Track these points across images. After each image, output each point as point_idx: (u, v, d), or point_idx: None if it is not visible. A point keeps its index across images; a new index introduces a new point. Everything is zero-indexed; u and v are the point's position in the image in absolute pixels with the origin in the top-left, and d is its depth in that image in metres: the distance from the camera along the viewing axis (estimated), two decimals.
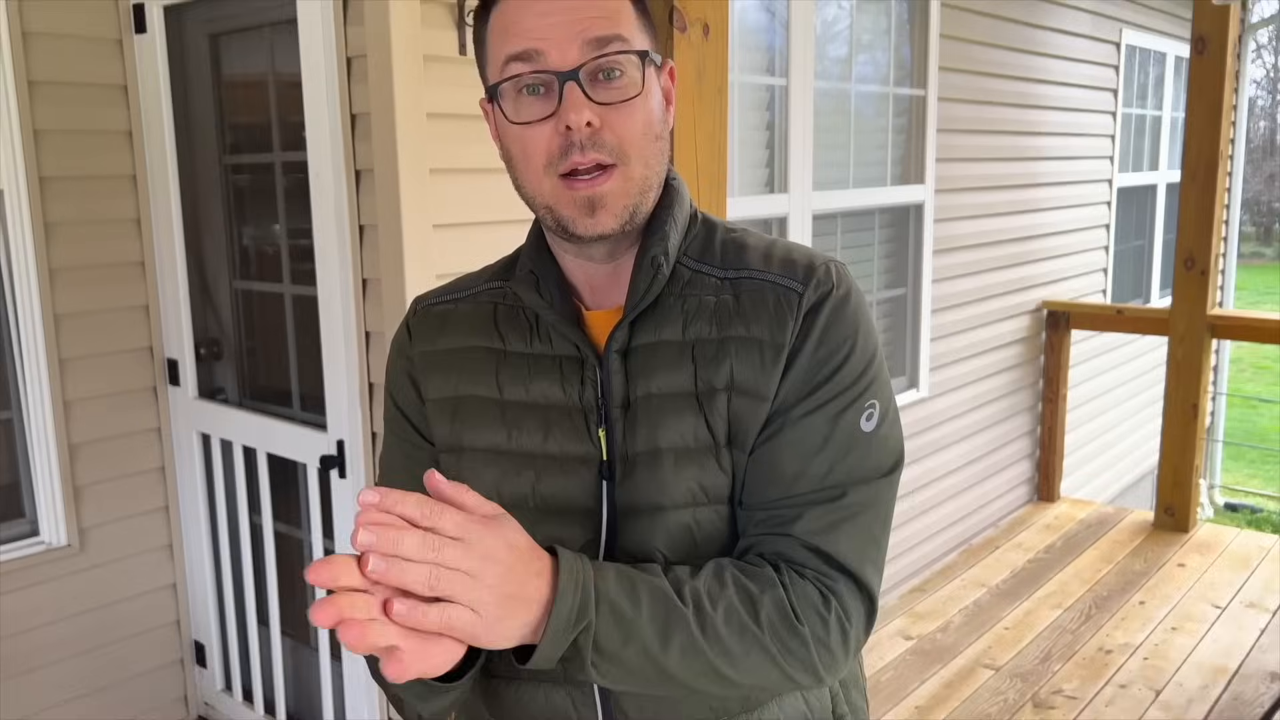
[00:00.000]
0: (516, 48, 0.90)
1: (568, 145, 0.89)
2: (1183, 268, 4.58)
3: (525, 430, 0.98)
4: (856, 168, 3.91)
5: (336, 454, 2.54)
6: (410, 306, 1.11)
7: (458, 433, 1.02)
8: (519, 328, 1.02)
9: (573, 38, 0.88)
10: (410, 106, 2.24)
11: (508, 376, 1.00)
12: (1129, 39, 5.72)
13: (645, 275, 0.96)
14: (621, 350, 0.97)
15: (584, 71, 0.88)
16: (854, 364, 0.95)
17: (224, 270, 2.89)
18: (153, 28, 2.76)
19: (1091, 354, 5.75)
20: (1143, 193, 6.40)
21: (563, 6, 0.89)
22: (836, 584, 0.92)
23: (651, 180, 0.94)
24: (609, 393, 0.96)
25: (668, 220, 0.98)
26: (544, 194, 0.92)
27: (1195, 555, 4.51)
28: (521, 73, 0.89)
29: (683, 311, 0.97)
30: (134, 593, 2.97)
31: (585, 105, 0.88)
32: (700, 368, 0.95)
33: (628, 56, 0.90)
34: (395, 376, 1.10)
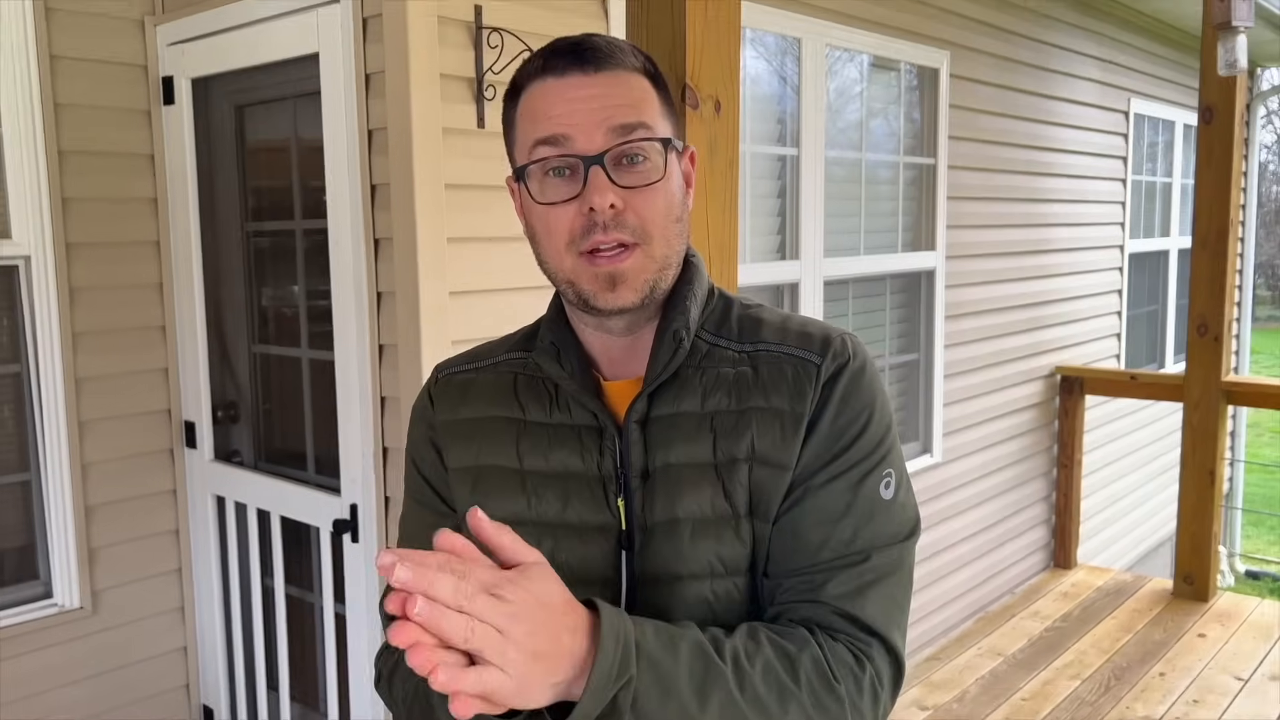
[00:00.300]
0: (544, 132, 0.93)
1: (590, 225, 0.92)
2: (1196, 334, 4.58)
3: (545, 499, 1.00)
4: (867, 234, 3.95)
5: (349, 518, 2.55)
6: (432, 373, 1.13)
7: (478, 502, 1.01)
8: (539, 398, 1.04)
9: (598, 124, 0.92)
10: (429, 177, 2.29)
11: (528, 446, 1.02)
12: (1137, 108, 5.79)
13: (667, 348, 0.98)
14: (640, 421, 0.99)
15: (608, 156, 0.92)
16: (872, 433, 0.98)
17: (243, 334, 2.94)
18: (180, 99, 2.84)
19: (1106, 419, 5.72)
20: (1155, 258, 6.43)
21: (589, 95, 0.93)
22: (869, 647, 0.93)
23: (671, 258, 0.97)
24: (628, 463, 0.98)
25: (688, 295, 1.01)
26: (565, 269, 0.95)
27: (1216, 625, 4.44)
28: (548, 156, 0.93)
29: (701, 384, 0.99)
30: (144, 656, 2.96)
31: (609, 188, 0.91)
32: (720, 438, 0.97)
33: (651, 143, 0.94)
34: (418, 442, 1.11)
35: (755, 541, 0.96)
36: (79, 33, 2.72)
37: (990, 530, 4.70)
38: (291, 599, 2.87)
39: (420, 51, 2.26)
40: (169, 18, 2.82)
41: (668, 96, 1.00)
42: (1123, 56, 5.58)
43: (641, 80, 0.97)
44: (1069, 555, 5.17)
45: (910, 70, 4.06)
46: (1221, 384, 4.55)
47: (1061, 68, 5.00)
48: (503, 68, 2.41)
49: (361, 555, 2.55)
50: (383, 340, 2.44)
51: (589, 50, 0.95)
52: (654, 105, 0.96)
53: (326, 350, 2.60)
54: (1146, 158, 6.13)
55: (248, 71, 2.71)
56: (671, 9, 1.60)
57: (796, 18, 3.41)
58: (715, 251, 1.68)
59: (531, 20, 2.48)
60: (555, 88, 0.94)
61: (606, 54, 0.95)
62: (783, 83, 3.50)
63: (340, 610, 2.69)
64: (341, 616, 2.69)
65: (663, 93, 0.99)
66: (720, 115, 1.66)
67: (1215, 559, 4.72)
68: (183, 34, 2.79)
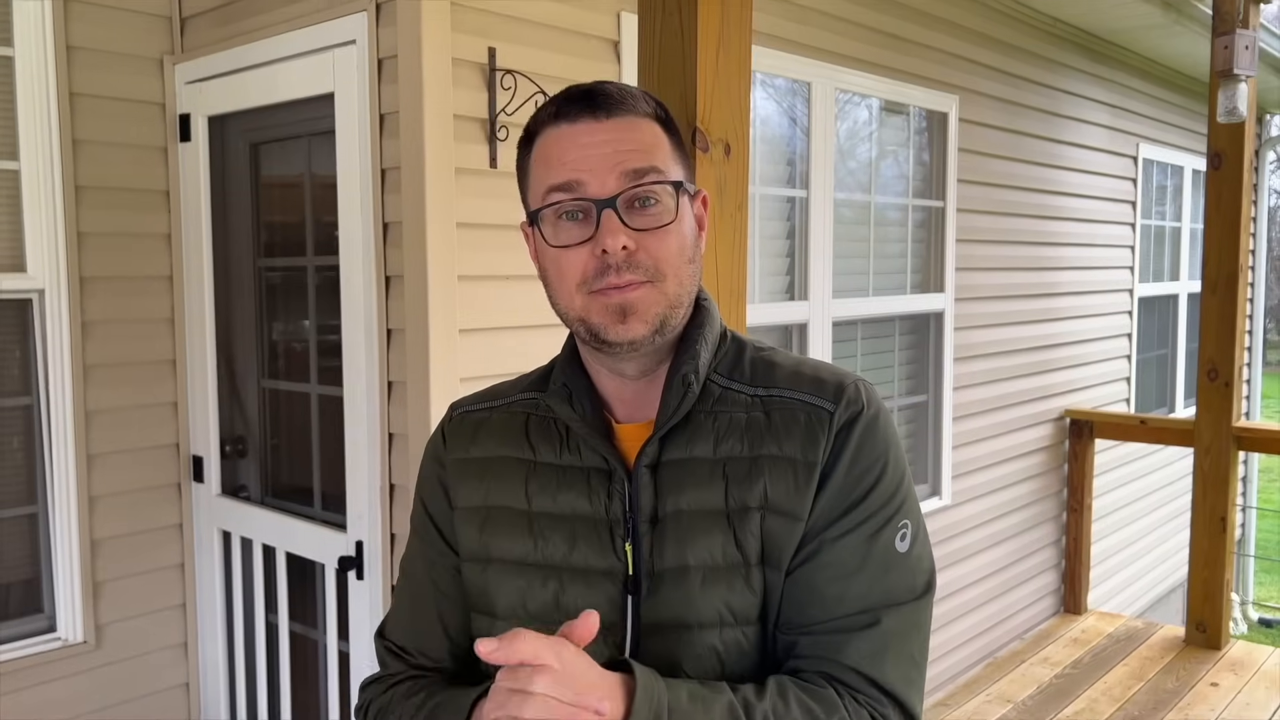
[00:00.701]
0: (558, 179, 0.94)
1: (604, 267, 0.93)
2: (1206, 379, 4.56)
3: (551, 541, 1.00)
4: (876, 276, 3.96)
5: (355, 555, 2.54)
6: (447, 411, 1.14)
7: (486, 542, 1.03)
8: (550, 439, 1.04)
9: (610, 169, 0.93)
10: (441, 216, 2.31)
11: (536, 487, 1.02)
12: (1146, 153, 5.82)
13: (676, 392, 0.98)
14: (651, 465, 0.98)
15: (621, 200, 0.93)
16: (887, 484, 0.97)
17: (253, 369, 2.95)
18: (197, 136, 2.87)
19: (1116, 463, 5.69)
20: (1164, 302, 6.42)
21: (602, 140, 0.94)
22: (887, 711, 0.94)
23: (683, 297, 0.97)
24: (637, 507, 0.98)
25: (698, 339, 1.01)
26: (576, 308, 0.96)
27: (1229, 674, 4.38)
28: (561, 200, 0.94)
29: (714, 429, 0.99)
30: (147, 691, 2.94)
31: (621, 231, 0.92)
32: (732, 485, 0.96)
33: (663, 186, 0.95)
34: (427, 480, 1.12)
35: (766, 591, 0.96)
36: (99, 71, 2.76)
37: (1000, 574, 4.65)
38: (295, 636, 2.86)
39: (434, 92, 2.29)
40: (187, 57, 2.86)
41: (679, 141, 1.01)
42: (1131, 102, 5.62)
43: (653, 125, 0.98)
44: (1079, 600, 5.12)
45: (919, 114, 4.09)
46: (1232, 429, 4.53)
47: (1070, 113, 5.03)
48: (515, 109, 2.44)
49: (366, 592, 2.54)
50: (392, 377, 2.44)
51: (601, 97, 0.96)
52: (665, 149, 0.97)
53: (335, 386, 2.61)
54: (1155, 202, 6.14)
55: (264, 110, 2.75)
56: (683, 54, 1.62)
57: (807, 62, 3.44)
58: (724, 292, 1.69)
59: (544, 63, 2.52)
60: (568, 134, 0.95)
61: (618, 100, 0.96)
62: (793, 125, 3.53)
63: (344, 648, 2.67)
64: (345, 654, 2.67)
65: (674, 137, 1.00)
66: (730, 158, 1.68)
67: (1228, 606, 4.67)
68: (201, 73, 2.83)
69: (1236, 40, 3.90)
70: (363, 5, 2.39)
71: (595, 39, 2.67)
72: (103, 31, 2.76)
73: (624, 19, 2.71)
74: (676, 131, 1.01)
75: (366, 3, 2.38)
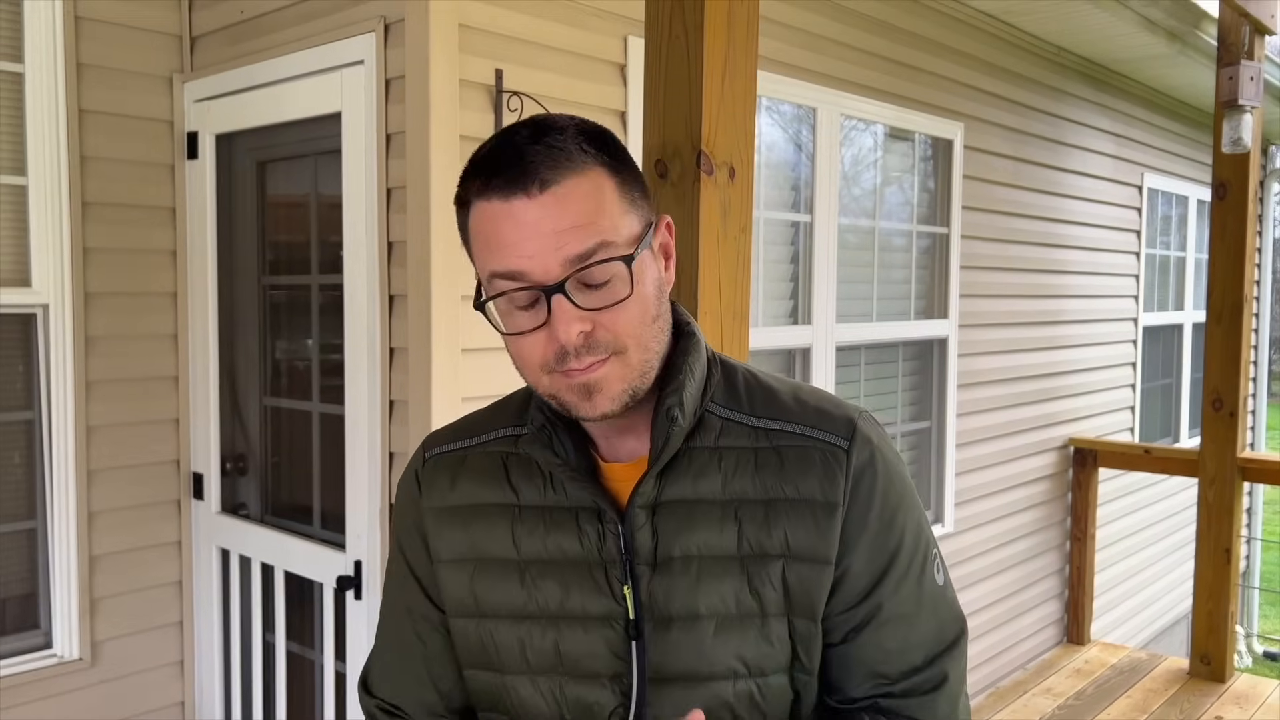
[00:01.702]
0: (500, 265, 0.88)
1: (562, 353, 0.88)
2: (1210, 409, 4.54)
3: (544, 589, 0.96)
4: (880, 301, 3.95)
5: (354, 575, 2.53)
6: (419, 451, 1.08)
7: (476, 596, 0.99)
8: (532, 478, 0.99)
9: (552, 252, 0.86)
10: (445, 236, 2.31)
11: (523, 531, 0.97)
12: (1150, 182, 5.83)
13: (661, 430, 0.93)
14: (648, 505, 0.94)
15: (570, 283, 0.86)
16: (914, 518, 0.97)
17: (255, 387, 2.95)
18: (204, 154, 2.89)
19: (1121, 492, 5.66)
20: (1169, 332, 6.41)
21: (537, 219, 0.86)
22: None
23: (652, 360, 0.92)
24: (633, 548, 0.94)
25: (683, 369, 0.95)
26: (544, 386, 0.92)
27: (1233, 707, 4.33)
28: (507, 290, 0.88)
29: (720, 466, 0.95)
30: (142, 710, 2.92)
31: (574, 317, 0.86)
32: (746, 529, 0.93)
33: (611, 263, 0.87)
34: (405, 529, 1.07)
35: (795, 641, 0.93)
36: (109, 88, 2.78)
37: (1002, 603, 4.62)
38: (292, 655, 2.84)
39: (441, 113, 2.30)
40: (196, 75, 2.88)
41: (629, 177, 0.92)
42: (1136, 131, 5.63)
43: (594, 177, 0.88)
44: (1082, 631, 5.08)
45: (924, 141, 4.10)
46: (1237, 460, 4.51)
47: (1075, 141, 5.04)
48: None
49: (365, 613, 2.53)
50: (394, 396, 2.44)
51: (530, 167, 0.86)
52: (612, 206, 0.88)
53: (337, 405, 2.61)
54: (1160, 232, 6.14)
55: (271, 129, 2.76)
56: (689, 78, 1.63)
57: (812, 87, 3.46)
58: (727, 315, 1.69)
59: (551, 85, 2.53)
60: (502, 213, 0.87)
61: (549, 166, 0.86)
62: (798, 150, 3.54)
63: (341, 669, 2.65)
64: (342, 675, 2.65)
65: (620, 176, 0.90)
66: (734, 182, 1.68)
67: (1232, 639, 4.63)
68: (209, 91, 2.85)
69: (1241, 71, 3.91)
70: (371, 26, 2.40)
71: (602, 62, 2.68)
72: (113, 50, 2.78)
73: (630, 43, 2.72)
74: (624, 164, 0.92)
75: (375, 24, 2.39)
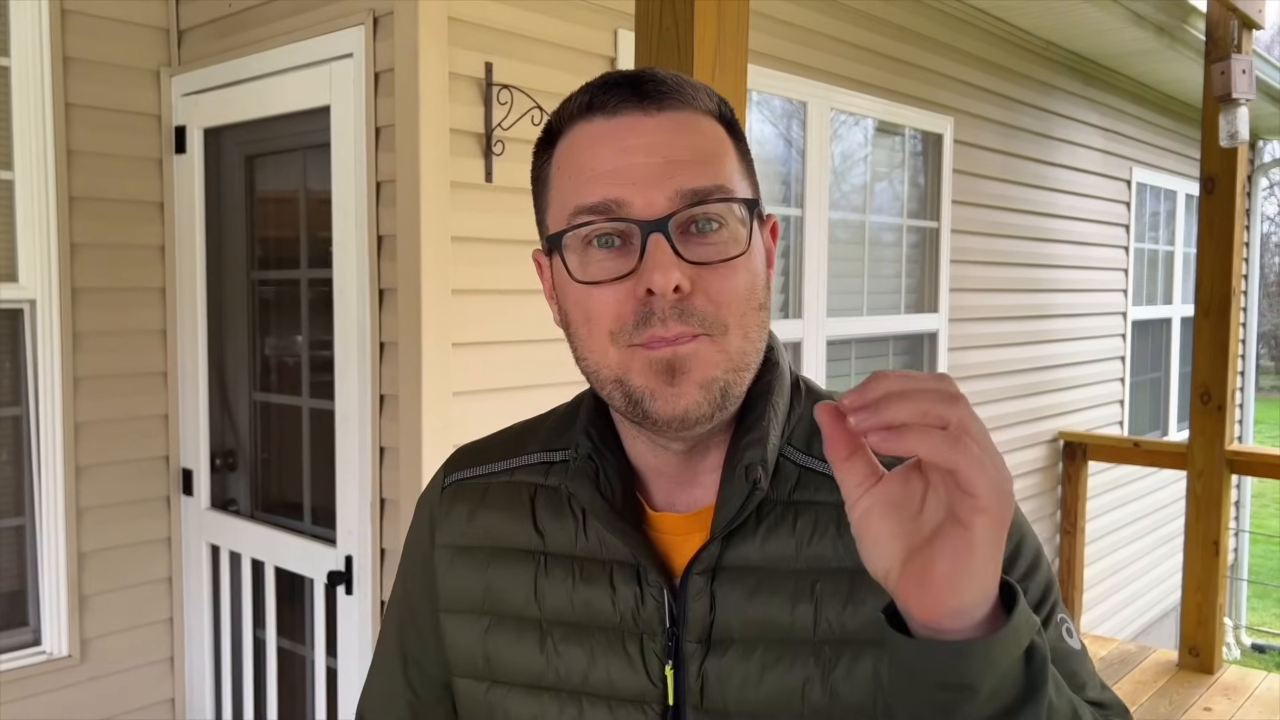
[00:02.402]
0: (590, 196, 0.72)
1: (646, 313, 0.70)
2: (1199, 402, 4.56)
3: (566, 656, 0.79)
4: (870, 295, 3.96)
5: (344, 570, 2.52)
6: (440, 472, 0.92)
7: (488, 656, 0.83)
8: (562, 519, 0.82)
9: (661, 182, 0.71)
10: (436, 230, 2.31)
11: (548, 585, 0.81)
12: (1139, 177, 5.85)
13: (738, 490, 0.75)
14: (707, 570, 0.77)
15: (674, 222, 0.70)
16: (1040, 575, 0.78)
17: (244, 382, 2.94)
18: (192, 148, 2.87)
19: (1111, 485, 5.69)
20: (1158, 325, 6.44)
21: (650, 143, 0.72)
22: None
23: (750, 357, 0.74)
24: (684, 620, 0.76)
25: (766, 411, 0.78)
26: (610, 364, 0.73)
27: (1222, 699, 4.36)
28: (594, 221, 0.72)
29: (794, 526, 0.77)
30: (132, 707, 2.91)
31: (674, 264, 0.69)
32: (825, 605, 0.75)
33: (731, 207, 0.73)
34: (411, 560, 0.92)
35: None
36: (95, 82, 2.76)
37: None
38: (283, 651, 2.83)
39: (431, 106, 2.29)
40: (184, 69, 2.87)
41: (746, 150, 0.79)
42: (1125, 126, 5.65)
43: (716, 127, 0.76)
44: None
45: (914, 135, 4.11)
46: (1225, 453, 4.53)
47: (1064, 136, 5.05)
48: (512, 124, 2.44)
49: (355, 608, 2.52)
50: (384, 391, 2.43)
51: (649, 83, 0.74)
52: (732, 159, 0.76)
53: (327, 400, 2.60)
54: (1149, 226, 6.17)
55: (259, 123, 2.75)
56: (679, 72, 1.63)
57: (802, 82, 3.46)
58: None
59: (541, 79, 2.52)
60: (605, 132, 0.73)
61: (673, 88, 0.74)
62: (788, 145, 3.53)
63: (332, 664, 2.65)
64: (333, 670, 2.65)
65: (741, 145, 0.78)
66: None
67: (1221, 631, 4.66)
68: (197, 85, 2.84)
69: (1234, 65, 3.92)
70: (360, 19, 2.39)
71: (592, 55, 2.67)
72: (100, 43, 2.77)
73: (621, 36, 2.72)
74: (743, 138, 0.79)
75: (364, 16, 2.38)
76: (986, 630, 0.59)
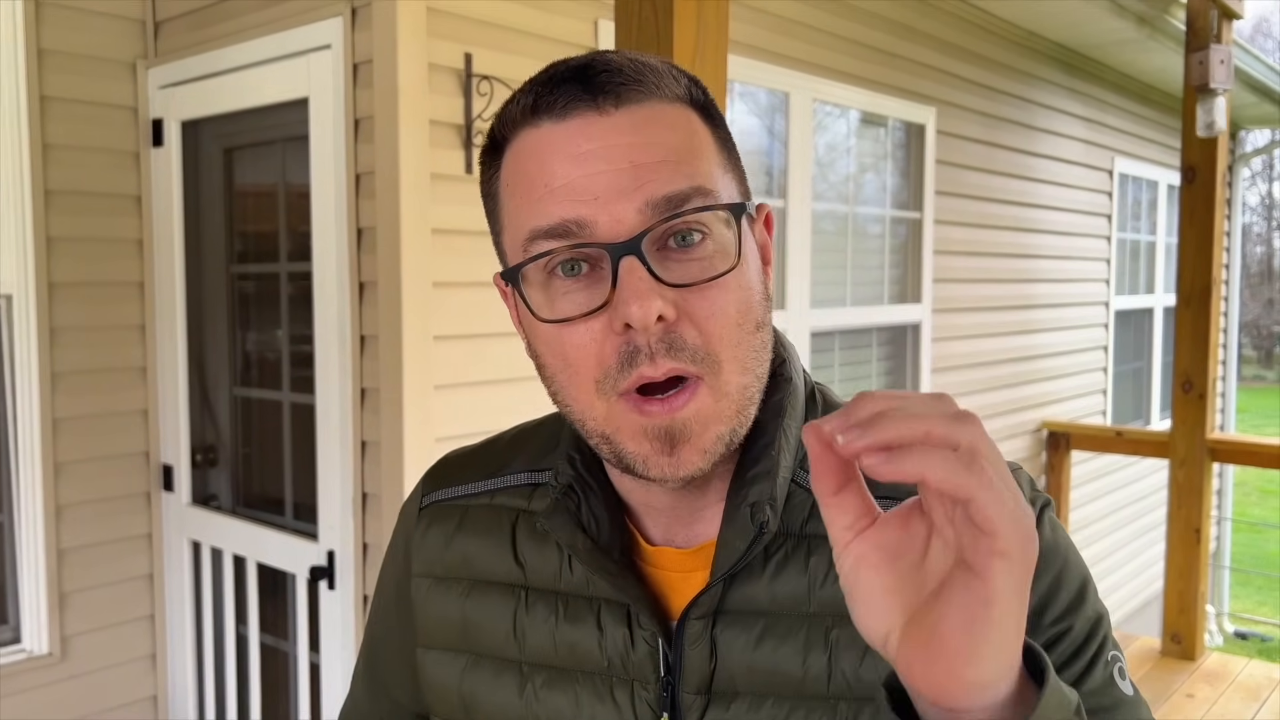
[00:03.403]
0: (546, 220, 0.62)
1: (630, 351, 0.61)
2: (1180, 391, 4.59)
3: (548, 702, 0.72)
4: (854, 287, 3.96)
5: (327, 565, 2.51)
6: (420, 487, 0.84)
7: (464, 699, 0.77)
8: (545, 551, 0.74)
9: (627, 193, 0.61)
10: (415, 222, 2.29)
11: (529, 623, 0.74)
12: (1121, 167, 5.87)
13: (742, 530, 0.67)
14: (706, 614, 0.69)
15: (648, 240, 0.61)
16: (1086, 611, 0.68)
17: (224, 377, 2.92)
18: (169, 141, 2.84)
19: (1094, 475, 5.72)
20: (1140, 315, 6.47)
21: (609, 147, 0.62)
22: None
23: (752, 390, 0.65)
24: (679, 669, 0.69)
25: (776, 437, 0.68)
26: (597, 419, 0.64)
27: (1204, 685, 4.39)
28: (554, 249, 0.62)
29: (807, 566, 0.68)
30: (113, 704, 2.89)
31: (652, 291, 0.60)
32: (840, 658, 0.66)
33: (714, 214, 0.63)
34: (388, 587, 0.85)
35: None
36: (71, 75, 2.73)
37: None
38: (265, 647, 2.82)
39: (410, 97, 2.27)
40: (160, 61, 2.84)
41: (727, 136, 0.69)
42: (1107, 116, 5.67)
43: (687, 116, 0.65)
44: None
45: (897, 126, 4.11)
46: (1206, 441, 4.55)
47: (1047, 126, 5.07)
48: (492, 115, 2.43)
49: (338, 603, 2.51)
50: (365, 384, 2.42)
51: (602, 74, 0.63)
52: (710, 154, 0.65)
53: (308, 394, 2.58)
54: (1131, 216, 6.19)
55: (237, 115, 2.72)
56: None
57: (785, 72, 3.45)
58: None
59: (521, 69, 2.51)
60: (555, 139, 0.63)
61: (631, 77, 0.63)
62: (770, 136, 3.53)
63: (315, 660, 2.64)
64: (316, 666, 2.63)
65: (719, 131, 0.68)
66: None
67: (1203, 618, 4.69)
68: (174, 77, 2.81)
69: (1212, 55, 3.94)
70: (338, 10, 2.37)
71: (573, 46, 2.66)
72: (75, 35, 2.73)
73: (601, 26, 2.71)
74: (722, 122, 0.69)
75: (342, 7, 2.36)
76: (1011, 712, 0.49)
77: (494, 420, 2.39)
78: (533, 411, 0.85)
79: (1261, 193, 26.36)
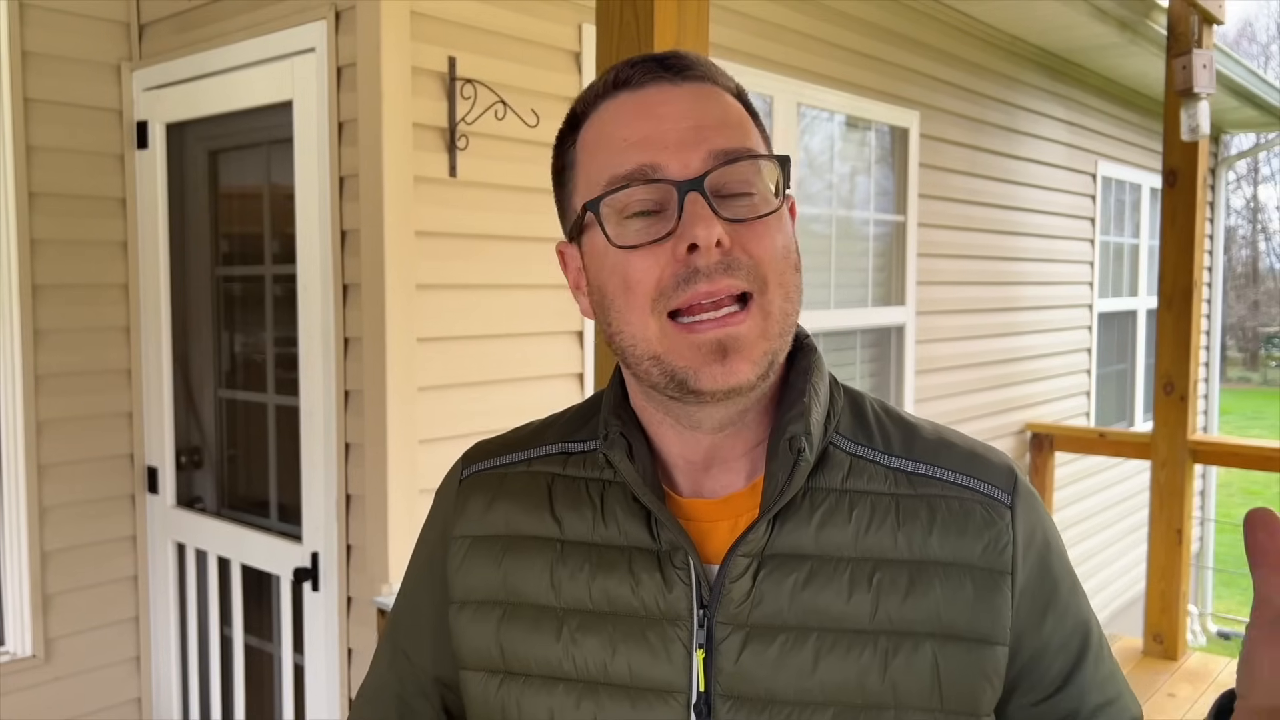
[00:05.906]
0: (625, 166, 0.73)
1: (689, 273, 0.70)
2: (1162, 393, 4.62)
3: (584, 646, 0.77)
4: (838, 289, 3.98)
5: (311, 566, 2.51)
6: (457, 465, 0.90)
7: (503, 648, 0.80)
8: (579, 508, 0.80)
9: (693, 144, 0.73)
10: (399, 224, 2.30)
11: (566, 573, 0.79)
12: (1104, 170, 5.91)
13: (784, 461, 0.74)
14: (753, 554, 0.75)
15: (709, 181, 0.72)
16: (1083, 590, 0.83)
17: (209, 379, 2.92)
18: (154, 143, 2.85)
19: (1078, 476, 5.75)
20: (1123, 318, 6.51)
21: (679, 110, 0.74)
22: None
23: (791, 320, 0.75)
24: (716, 603, 0.74)
25: (806, 389, 0.77)
26: (650, 338, 0.72)
27: (1185, 685, 4.42)
28: (630, 184, 0.73)
29: (851, 516, 0.75)
30: (98, 707, 2.89)
31: (714, 219, 0.70)
32: (885, 597, 0.74)
33: (764, 164, 0.75)
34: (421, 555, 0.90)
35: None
36: (56, 77, 2.73)
37: None
38: (250, 649, 2.82)
39: (394, 100, 2.28)
40: (145, 63, 2.84)
41: (764, 132, 0.81)
42: (1090, 120, 5.71)
43: (738, 105, 0.79)
44: None
45: (882, 129, 4.13)
46: (1188, 443, 4.59)
47: (1030, 130, 5.10)
48: (476, 118, 2.44)
49: (322, 604, 2.52)
50: (349, 386, 2.43)
51: (673, 58, 0.77)
52: (755, 135, 0.78)
53: (293, 396, 2.59)
54: (1114, 219, 6.24)
55: (222, 118, 2.73)
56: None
57: (768, 76, 3.47)
58: None
59: (505, 73, 2.52)
60: (634, 103, 0.75)
61: (697, 63, 0.77)
62: None
63: (299, 661, 2.64)
64: (300, 667, 2.64)
65: (760, 127, 0.80)
66: None
67: (1184, 618, 4.72)
68: (158, 80, 2.81)
69: (1195, 59, 3.97)
70: (323, 13, 2.38)
71: (557, 50, 2.67)
72: (60, 37, 2.74)
73: (585, 30, 2.72)
74: (761, 123, 0.81)
75: (326, 11, 2.37)
76: None
77: (478, 422, 2.41)
78: (516, 414, 0.89)
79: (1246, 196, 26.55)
